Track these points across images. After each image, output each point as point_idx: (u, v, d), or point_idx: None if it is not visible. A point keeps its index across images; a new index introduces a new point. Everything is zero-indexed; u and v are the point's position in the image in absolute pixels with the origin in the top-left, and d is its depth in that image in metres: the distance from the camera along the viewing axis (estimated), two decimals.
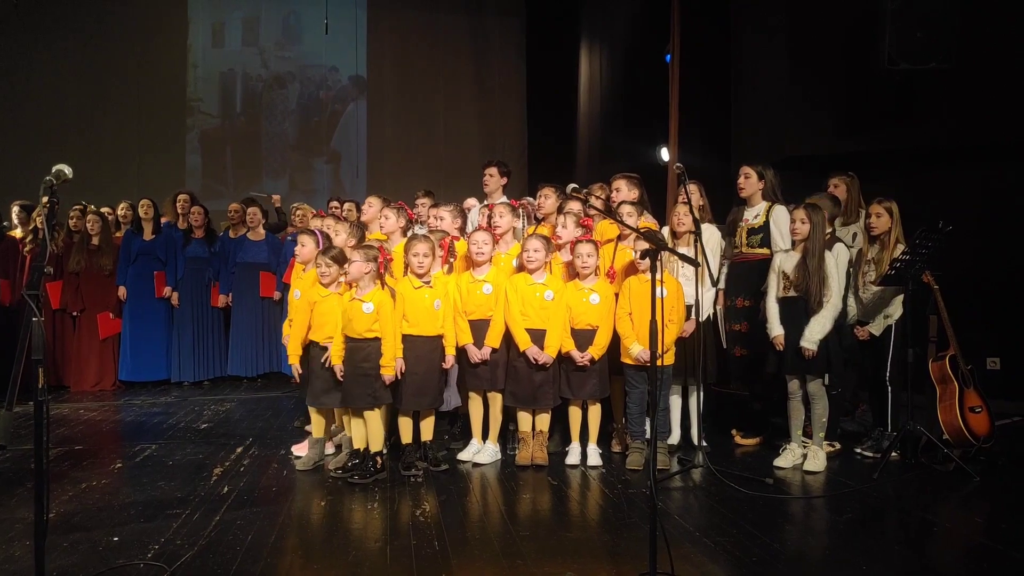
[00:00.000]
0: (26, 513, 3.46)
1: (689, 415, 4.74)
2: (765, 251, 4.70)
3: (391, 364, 4.09)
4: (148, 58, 9.68)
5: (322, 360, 4.25)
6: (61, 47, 9.31)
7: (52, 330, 6.65)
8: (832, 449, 4.57)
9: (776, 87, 6.70)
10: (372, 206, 5.00)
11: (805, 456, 4.35)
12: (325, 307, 4.27)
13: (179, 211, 7.17)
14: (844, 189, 5.00)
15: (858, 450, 4.64)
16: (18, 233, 6.74)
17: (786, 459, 4.37)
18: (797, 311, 4.27)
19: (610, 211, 4.67)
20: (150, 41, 9.69)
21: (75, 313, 6.74)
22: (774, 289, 4.38)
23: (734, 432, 4.99)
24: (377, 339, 4.10)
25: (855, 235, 4.90)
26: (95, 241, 6.75)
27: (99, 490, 3.93)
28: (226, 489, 3.93)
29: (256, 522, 3.43)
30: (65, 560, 3.00)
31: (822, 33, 6.35)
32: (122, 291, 6.78)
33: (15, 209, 6.79)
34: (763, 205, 4.78)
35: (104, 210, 7.04)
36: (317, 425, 4.45)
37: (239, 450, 4.74)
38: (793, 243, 4.37)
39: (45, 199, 2.46)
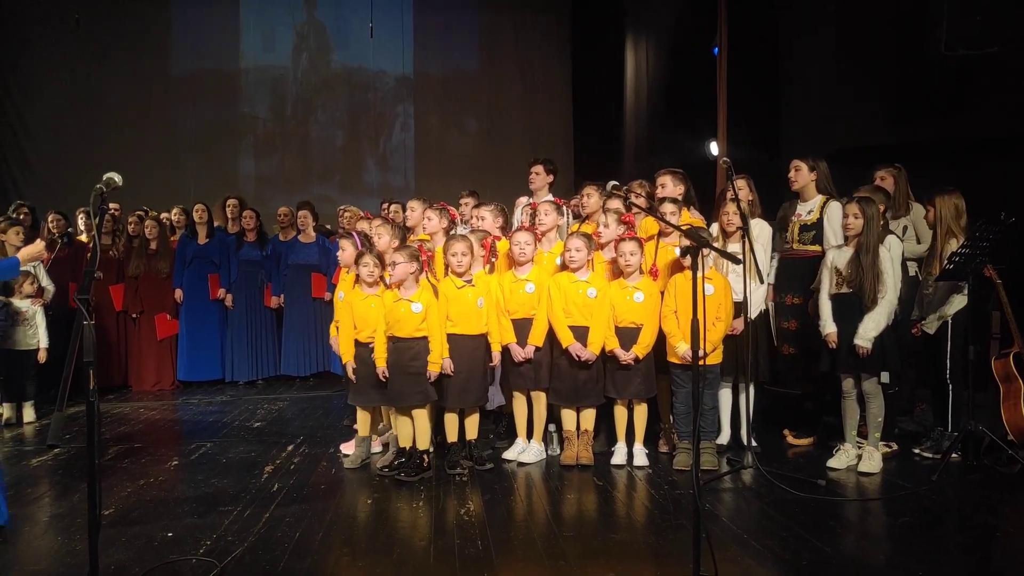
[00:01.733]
0: None
1: (740, 414, 4.65)
2: (817, 248, 4.57)
3: (439, 361, 4.13)
4: (202, 66, 9.95)
5: (370, 358, 4.29)
6: (118, 58, 9.62)
7: (116, 332, 6.90)
8: (888, 450, 4.43)
9: (825, 77, 6.52)
10: (415, 210, 5.04)
11: (859, 457, 4.22)
12: (364, 308, 4.31)
13: (228, 216, 7.36)
14: (891, 181, 4.83)
15: (916, 451, 4.49)
16: (85, 238, 7.00)
17: (840, 460, 4.25)
18: (851, 307, 4.15)
19: (651, 208, 4.60)
20: (203, 50, 9.95)
21: (134, 315, 6.98)
22: (826, 285, 4.26)
23: (786, 432, 4.88)
24: (424, 338, 4.14)
25: (905, 228, 4.73)
26: (153, 246, 6.98)
27: (156, 487, 4.06)
28: (276, 486, 4.02)
29: (305, 519, 3.50)
30: (122, 554, 3.11)
31: (873, 19, 6.14)
32: (178, 293, 7.00)
33: (81, 216, 7.06)
34: (818, 200, 4.64)
35: (163, 215, 7.27)
36: (363, 423, 4.50)
37: (290, 448, 4.83)
38: (846, 238, 4.25)
39: (94, 206, 2.55)
